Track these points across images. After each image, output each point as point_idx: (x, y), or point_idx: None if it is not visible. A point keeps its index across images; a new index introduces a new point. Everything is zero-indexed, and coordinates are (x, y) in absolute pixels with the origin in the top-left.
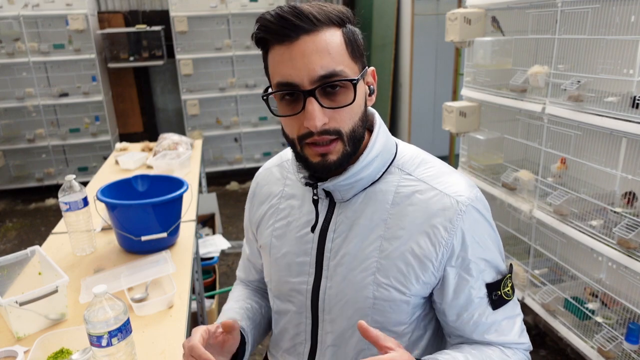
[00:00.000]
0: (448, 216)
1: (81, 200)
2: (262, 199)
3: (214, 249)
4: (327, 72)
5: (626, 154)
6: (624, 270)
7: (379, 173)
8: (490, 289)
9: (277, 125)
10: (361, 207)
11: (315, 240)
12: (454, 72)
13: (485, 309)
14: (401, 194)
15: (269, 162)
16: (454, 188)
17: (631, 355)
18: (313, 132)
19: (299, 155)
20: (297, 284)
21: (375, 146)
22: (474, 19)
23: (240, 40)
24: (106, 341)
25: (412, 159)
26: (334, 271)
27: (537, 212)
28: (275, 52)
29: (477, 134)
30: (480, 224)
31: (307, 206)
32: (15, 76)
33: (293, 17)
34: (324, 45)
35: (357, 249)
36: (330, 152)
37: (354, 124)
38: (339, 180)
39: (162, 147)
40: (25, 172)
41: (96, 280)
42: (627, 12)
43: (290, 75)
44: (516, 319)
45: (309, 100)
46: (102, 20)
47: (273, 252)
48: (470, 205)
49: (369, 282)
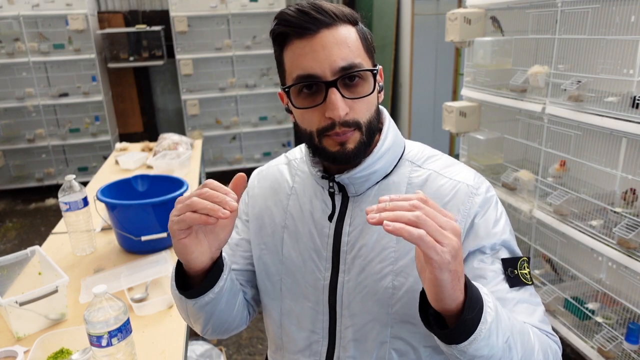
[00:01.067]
0: (460, 199)
1: (81, 200)
2: (267, 193)
3: None
4: (347, 64)
5: (626, 154)
6: (624, 270)
7: (391, 166)
8: (506, 264)
9: (277, 125)
10: (375, 200)
11: (330, 235)
12: (454, 72)
13: (500, 283)
14: (413, 183)
15: (275, 161)
16: (462, 175)
17: (631, 355)
18: (335, 122)
19: (316, 148)
20: (313, 280)
21: (388, 139)
22: (474, 19)
23: (240, 40)
24: (106, 341)
25: (420, 152)
26: (351, 264)
27: (537, 212)
28: (294, 46)
29: (477, 134)
30: (491, 207)
31: (319, 202)
32: (15, 76)
33: (313, 11)
34: (343, 38)
35: (373, 241)
36: (348, 141)
37: (370, 115)
38: (354, 172)
39: (162, 147)
40: (25, 172)
41: (96, 280)
42: (627, 12)
43: (312, 67)
44: (537, 308)
45: (331, 90)
46: (102, 20)
47: (285, 249)
48: (480, 188)
49: (387, 272)
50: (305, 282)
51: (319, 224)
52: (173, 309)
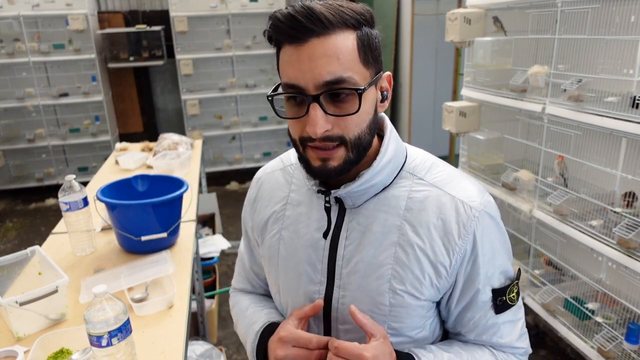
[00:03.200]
0: (462, 222)
1: (81, 200)
2: (265, 203)
3: (214, 249)
4: (334, 78)
5: (626, 154)
6: (624, 270)
7: (390, 178)
8: (496, 295)
9: (277, 125)
10: (374, 213)
11: (326, 247)
12: (454, 72)
13: (487, 312)
14: (414, 199)
15: (270, 166)
16: (467, 193)
17: (631, 355)
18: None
19: (301, 156)
20: (307, 293)
21: (388, 151)
22: (474, 19)
23: (240, 40)
24: (106, 341)
25: (422, 162)
26: (347, 279)
27: (537, 212)
28: (285, 52)
29: (477, 134)
30: (492, 230)
31: (316, 213)
32: (15, 76)
33: (304, 18)
34: (333, 50)
35: (371, 256)
36: (331, 158)
37: (359, 132)
38: (352, 187)
39: (162, 147)
40: (25, 172)
41: (96, 280)
42: (627, 12)
43: (296, 77)
44: (517, 323)
45: (313, 105)
46: (102, 20)
47: (281, 261)
48: (483, 210)
49: (384, 290)
50: (300, 296)
51: (314, 237)
52: (173, 309)
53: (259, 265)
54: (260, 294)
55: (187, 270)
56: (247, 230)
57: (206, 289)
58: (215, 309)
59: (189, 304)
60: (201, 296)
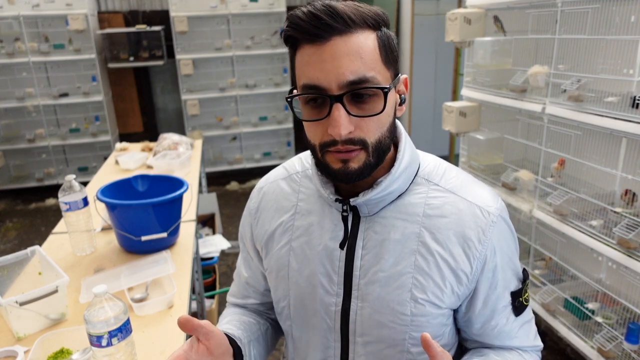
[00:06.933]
0: (481, 228)
1: (81, 200)
2: (271, 214)
3: (214, 248)
4: (358, 78)
5: (626, 154)
6: (624, 270)
7: (406, 184)
8: (514, 297)
9: (277, 125)
10: (391, 222)
11: (342, 258)
12: (454, 72)
13: (509, 316)
14: (431, 205)
15: (273, 175)
16: (482, 199)
17: (631, 355)
18: (337, 140)
19: (319, 162)
20: (323, 306)
21: (405, 158)
22: (474, 19)
23: (240, 41)
24: (106, 341)
25: (436, 168)
26: (365, 290)
27: (537, 212)
28: (304, 52)
29: (477, 134)
30: (507, 234)
31: (329, 222)
32: (15, 76)
33: (326, 16)
34: (356, 48)
35: (390, 265)
36: (351, 159)
37: (380, 135)
38: (371, 195)
39: (162, 147)
40: (25, 172)
41: (96, 280)
42: (627, 12)
43: (318, 78)
44: (532, 322)
45: (336, 106)
46: (102, 20)
47: (292, 273)
48: (500, 215)
49: (405, 299)
50: (315, 309)
51: (329, 247)
52: (173, 309)
53: (258, 279)
54: (253, 309)
55: (187, 270)
56: (246, 242)
57: (206, 289)
58: (215, 309)
59: (189, 304)
60: (201, 296)
